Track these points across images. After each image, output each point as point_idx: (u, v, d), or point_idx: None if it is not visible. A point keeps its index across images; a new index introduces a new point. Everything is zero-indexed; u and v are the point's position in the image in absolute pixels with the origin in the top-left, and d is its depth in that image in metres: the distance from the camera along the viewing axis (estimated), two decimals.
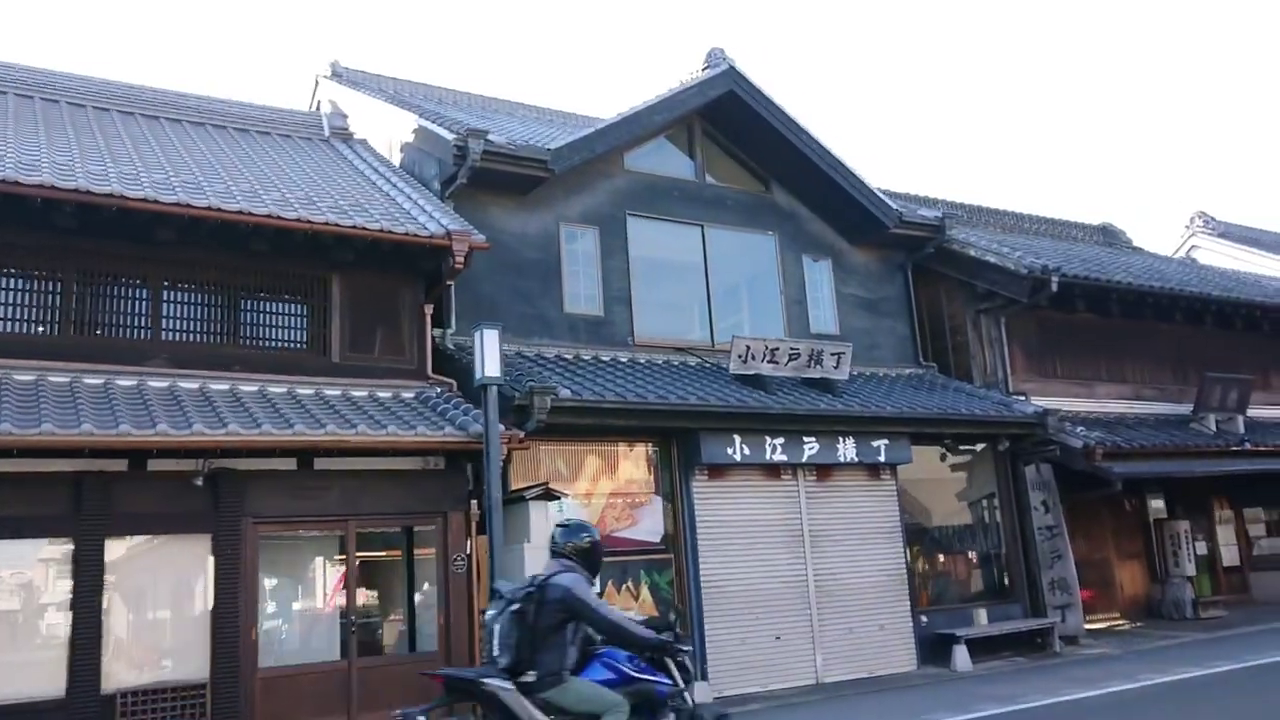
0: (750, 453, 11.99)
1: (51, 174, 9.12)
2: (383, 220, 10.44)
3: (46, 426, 7.77)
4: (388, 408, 10.03)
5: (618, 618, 5.49)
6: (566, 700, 5.27)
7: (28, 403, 8.32)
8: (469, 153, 11.85)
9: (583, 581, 5.47)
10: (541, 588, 5.36)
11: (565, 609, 5.31)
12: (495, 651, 5.34)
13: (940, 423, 13.41)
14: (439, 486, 10.06)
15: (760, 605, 11.95)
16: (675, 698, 5.52)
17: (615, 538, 11.49)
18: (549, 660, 5.29)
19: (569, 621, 5.34)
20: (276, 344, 10.50)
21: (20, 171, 8.98)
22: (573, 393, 10.67)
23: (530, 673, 5.26)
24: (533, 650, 5.29)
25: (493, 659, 5.34)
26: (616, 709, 5.28)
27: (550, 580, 5.38)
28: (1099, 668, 11.78)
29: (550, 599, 5.31)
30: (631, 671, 5.47)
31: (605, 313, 13.27)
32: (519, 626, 5.33)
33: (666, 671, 5.55)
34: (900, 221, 15.32)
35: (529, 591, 5.38)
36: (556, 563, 5.54)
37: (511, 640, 5.32)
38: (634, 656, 5.53)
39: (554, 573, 5.44)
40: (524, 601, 5.36)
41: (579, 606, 5.32)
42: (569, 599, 5.30)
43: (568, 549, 5.58)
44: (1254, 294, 18.35)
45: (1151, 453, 14.81)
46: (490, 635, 5.40)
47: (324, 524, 9.71)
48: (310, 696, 9.13)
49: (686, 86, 13.90)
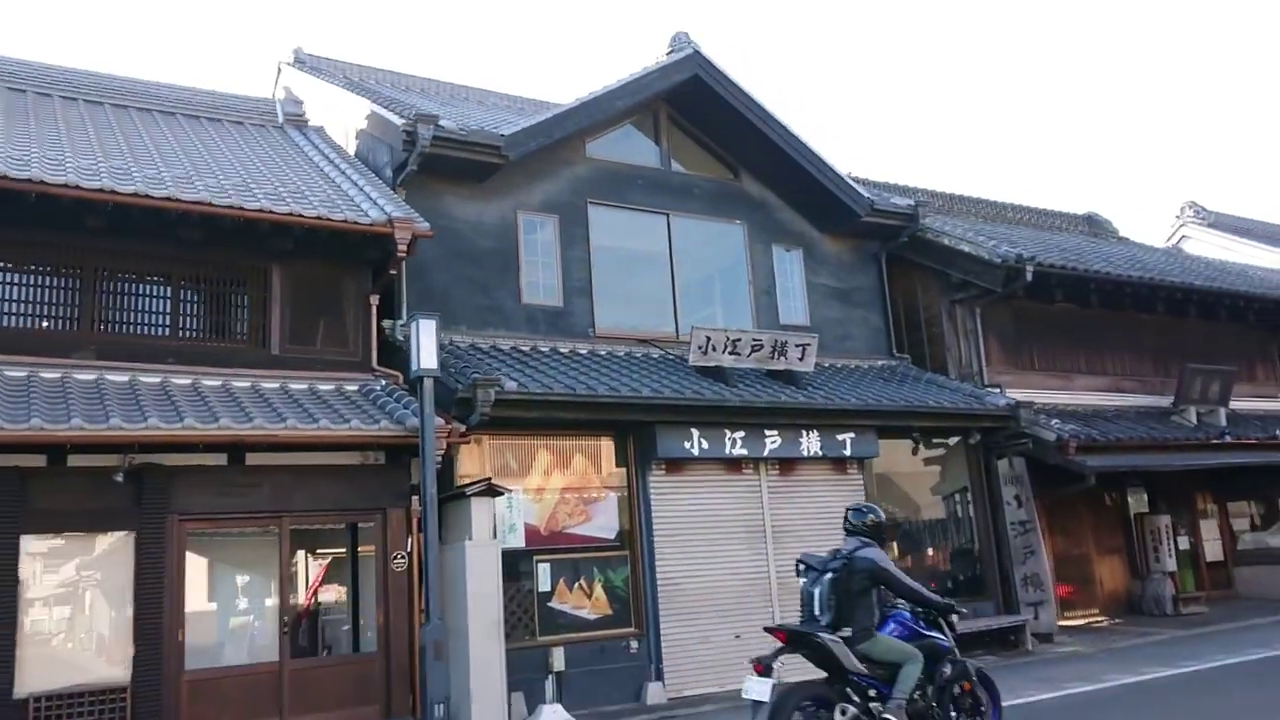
0: (709, 446, 11.66)
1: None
2: (321, 207, 10.11)
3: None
4: (325, 401, 9.71)
5: (915, 584, 6.81)
6: (876, 651, 6.44)
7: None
8: (418, 138, 11.50)
9: (884, 554, 6.73)
10: (850, 559, 6.55)
11: (872, 577, 6.52)
12: (816, 611, 6.51)
13: (907, 415, 13.07)
14: (379, 482, 9.75)
15: (720, 603, 11.63)
16: (950, 652, 6.79)
17: (567, 534, 11.20)
18: (860, 618, 6.45)
19: (874, 587, 6.56)
20: (214, 336, 10.20)
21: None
22: (519, 385, 10.34)
23: (845, 629, 6.38)
24: (847, 611, 6.43)
25: (814, 618, 6.51)
26: (914, 659, 6.48)
27: (856, 554, 6.57)
28: (1067, 667, 11.45)
29: (859, 569, 6.50)
30: (919, 628, 6.76)
31: (565, 304, 12.93)
32: (835, 591, 6.48)
33: (940, 629, 6.84)
34: (872, 210, 14.97)
35: (841, 563, 6.54)
36: (855, 540, 6.72)
37: (831, 602, 6.47)
38: (917, 616, 6.81)
39: (856, 548, 6.63)
40: (838, 571, 6.51)
41: (884, 575, 6.58)
42: (875, 569, 6.53)
43: (862, 527, 6.77)
44: (1238, 284, 17.97)
45: (1128, 446, 14.47)
46: (810, 599, 6.58)
47: (256, 521, 9.39)
48: (240, 699, 8.82)
49: (649, 71, 13.54)
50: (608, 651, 10.91)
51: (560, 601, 10.90)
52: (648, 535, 11.40)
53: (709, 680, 11.29)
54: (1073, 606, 16.15)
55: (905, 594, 6.75)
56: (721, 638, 11.52)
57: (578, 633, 10.87)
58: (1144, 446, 14.72)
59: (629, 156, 14.06)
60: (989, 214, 20.10)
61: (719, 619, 11.57)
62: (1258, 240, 25.40)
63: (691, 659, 11.27)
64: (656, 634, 11.14)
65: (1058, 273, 15.29)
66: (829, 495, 12.74)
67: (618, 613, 11.22)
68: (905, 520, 14.18)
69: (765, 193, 14.98)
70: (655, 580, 11.29)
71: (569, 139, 13.23)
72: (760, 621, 11.75)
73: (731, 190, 14.77)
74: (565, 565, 11.05)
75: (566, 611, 10.91)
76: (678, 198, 14.22)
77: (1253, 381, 18.72)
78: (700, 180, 14.56)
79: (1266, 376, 19.19)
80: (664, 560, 11.41)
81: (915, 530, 14.17)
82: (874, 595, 6.58)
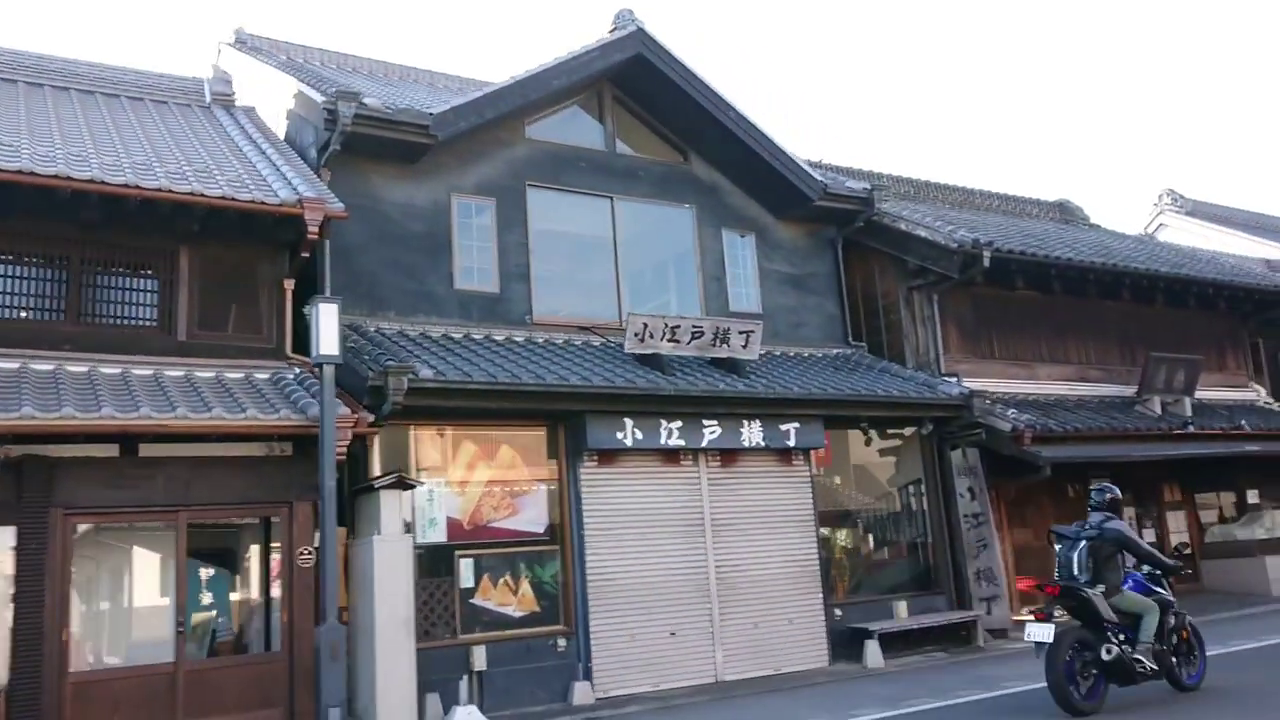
0: (643, 437, 11.24)
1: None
2: (227, 187, 9.65)
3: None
4: (229, 389, 9.27)
5: (1152, 550, 8.52)
6: (1124, 604, 8.03)
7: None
8: (339, 116, 11.05)
9: (1126, 525, 8.38)
10: (1101, 529, 8.10)
11: (1119, 544, 8.11)
12: (1075, 572, 8.05)
13: (855, 405, 12.64)
14: (284, 475, 9.31)
15: (654, 599, 11.21)
16: (1173, 605, 8.37)
17: (493, 528, 10.78)
18: (1111, 578, 8.03)
19: (1119, 552, 8.14)
20: (116, 321, 9.75)
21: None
22: (437, 372, 9.91)
23: (1099, 586, 7.91)
24: (1099, 571, 7.99)
25: (1073, 577, 8.03)
26: (1153, 610, 8.10)
27: (1105, 525, 8.14)
28: (1012, 665, 11.04)
29: (1109, 537, 8.06)
30: (1149, 586, 8.35)
31: (501, 290, 12.50)
32: (1092, 555, 8.03)
33: (1163, 586, 8.44)
34: (825, 193, 14.52)
35: (1095, 533, 8.10)
36: (1099, 514, 8.30)
37: (1089, 564, 8.02)
38: (1147, 576, 8.41)
39: (1104, 520, 8.19)
40: (1092, 539, 8.07)
41: (1130, 543, 8.22)
42: (1122, 537, 8.14)
43: (1103, 503, 8.39)
44: (1206, 271, 17.56)
45: (1086, 436, 14.07)
46: (1069, 562, 8.13)
47: (150, 515, 8.92)
48: (131, 702, 8.41)
49: (588, 49, 13.08)
50: (534, 650, 10.50)
51: (484, 598, 10.49)
52: (578, 529, 10.98)
53: (641, 679, 10.88)
54: (1035, 601, 15.69)
55: (1145, 557, 8.40)
56: (655, 635, 11.11)
57: (502, 630, 10.46)
58: (1103, 437, 14.33)
59: (571, 138, 13.60)
60: (958, 200, 19.69)
61: (653, 616, 11.15)
62: (1236, 228, 25.04)
63: (622, 657, 10.85)
64: (586, 632, 10.72)
65: (1017, 259, 14.88)
66: (773, 487, 12.34)
67: (546, 610, 10.80)
68: (859, 512, 13.79)
69: (716, 176, 14.54)
70: (585, 576, 10.87)
71: (506, 120, 12.79)
72: (698, 618, 11.42)
73: (680, 173, 14.33)
74: (490, 560, 10.63)
75: (490, 609, 10.50)
76: (623, 180, 13.77)
77: (1223, 371, 18.33)
78: (647, 163, 14.12)
79: (1238, 366, 18.80)
80: (595, 555, 10.98)
81: (866, 524, 13.76)
82: (1119, 559, 8.18)
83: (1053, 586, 8.03)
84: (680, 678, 11.11)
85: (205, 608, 10.04)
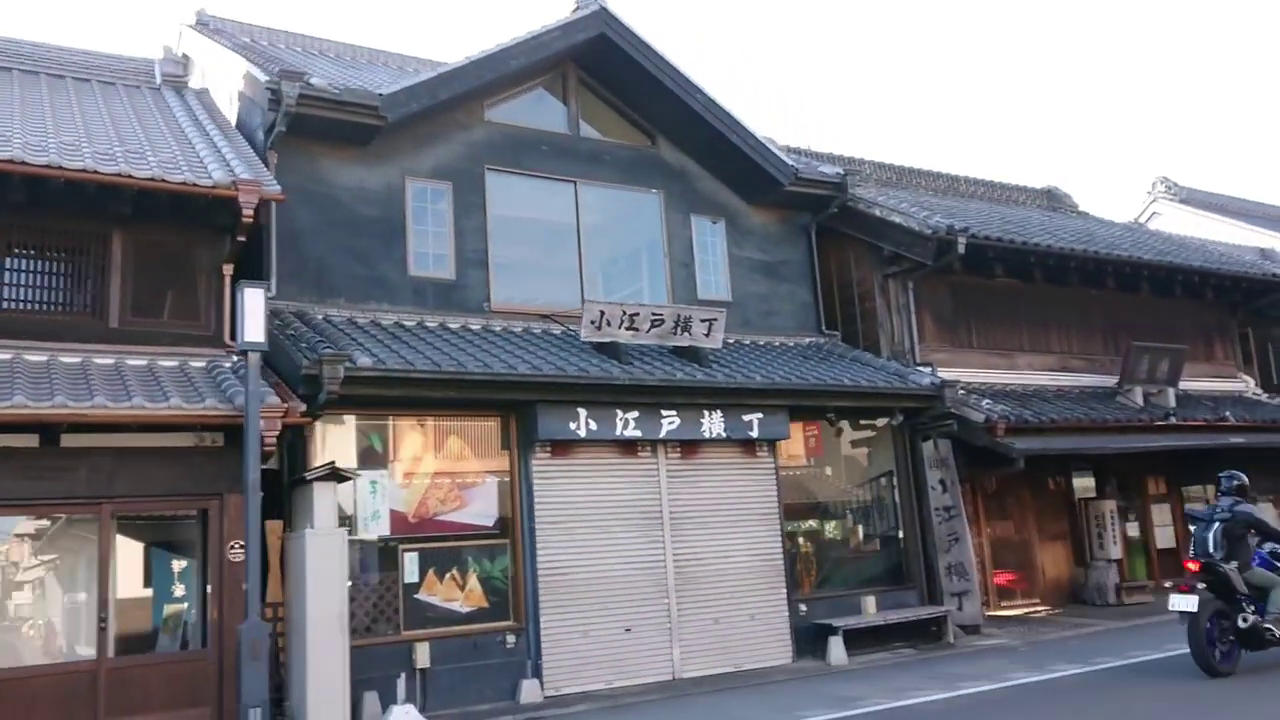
0: (598, 428, 10.89)
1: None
2: (158, 168, 9.31)
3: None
4: (158, 378, 8.94)
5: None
6: (1255, 580, 8.93)
7: None
8: (283, 96, 10.70)
9: (1255, 507, 9.37)
10: (1233, 511, 9.07)
11: (1249, 525, 9.06)
12: (1211, 549, 8.95)
13: (821, 395, 12.27)
14: (215, 466, 8.98)
15: (609, 594, 10.88)
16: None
17: (440, 521, 10.45)
18: (1242, 555, 8.95)
19: (1249, 532, 9.05)
20: (44, 307, 9.43)
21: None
22: (376, 360, 9.57)
23: (1233, 562, 8.85)
24: (1231, 549, 8.92)
25: (1208, 554, 8.93)
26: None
27: (1236, 508, 9.12)
28: (979, 663, 10.71)
29: (1239, 519, 9.03)
30: (1275, 562, 9.17)
31: (458, 276, 12.15)
32: (1225, 535, 8.96)
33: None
34: (797, 178, 14.14)
35: (1228, 514, 9.07)
36: (1229, 498, 9.30)
37: (1223, 543, 8.95)
38: (1271, 554, 9.22)
39: (1234, 503, 9.19)
40: (1225, 520, 9.02)
41: (1259, 524, 9.21)
42: (1253, 519, 9.13)
43: (1232, 489, 9.37)
44: (1193, 259, 17.14)
45: (1063, 428, 13.68)
46: (1204, 541, 9.05)
47: (72, 507, 8.61)
48: (49, 701, 8.11)
49: (548, 28, 12.70)
50: (481, 647, 10.18)
51: (429, 593, 10.16)
52: (529, 522, 10.64)
53: (594, 677, 10.55)
54: (1012, 595, 15.43)
55: (1274, 537, 9.30)
56: (609, 632, 10.78)
57: (448, 627, 10.12)
58: (1081, 428, 13.94)
59: (533, 121, 13.23)
60: (941, 187, 19.29)
61: (608, 611, 10.82)
62: (1230, 216, 24.61)
63: (574, 654, 10.52)
64: (536, 628, 10.39)
65: (995, 245, 14.47)
66: (736, 479, 11.99)
67: (495, 605, 10.47)
68: (828, 504, 13.40)
69: (685, 161, 14.16)
70: (537, 570, 10.53)
71: (464, 101, 12.43)
72: (655, 614, 11.09)
73: (647, 157, 13.96)
74: (436, 555, 10.29)
75: (436, 604, 10.17)
76: (587, 165, 13.40)
77: (1210, 361, 17.94)
78: (613, 147, 13.74)
79: (1227, 356, 18.41)
80: (547, 549, 10.65)
81: (837, 517, 13.38)
82: (1249, 538, 9.05)
83: (1194, 562, 8.94)
84: (636, 675, 10.79)
85: (178, 600, 9.74)
